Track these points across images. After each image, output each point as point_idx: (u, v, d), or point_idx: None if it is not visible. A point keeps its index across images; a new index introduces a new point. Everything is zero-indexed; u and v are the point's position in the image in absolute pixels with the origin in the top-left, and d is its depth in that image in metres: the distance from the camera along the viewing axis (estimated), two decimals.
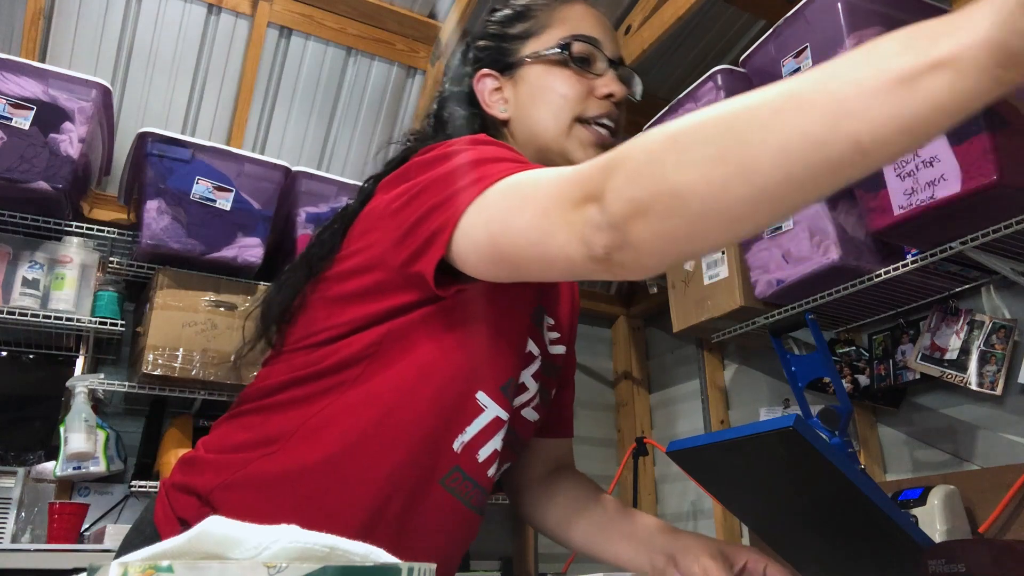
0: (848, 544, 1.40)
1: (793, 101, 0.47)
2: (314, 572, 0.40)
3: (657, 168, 0.52)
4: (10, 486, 2.02)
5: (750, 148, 0.47)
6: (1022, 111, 1.46)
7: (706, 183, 0.49)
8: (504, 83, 0.92)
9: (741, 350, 2.66)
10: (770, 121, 0.47)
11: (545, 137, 0.88)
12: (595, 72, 0.89)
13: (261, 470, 0.76)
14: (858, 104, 0.44)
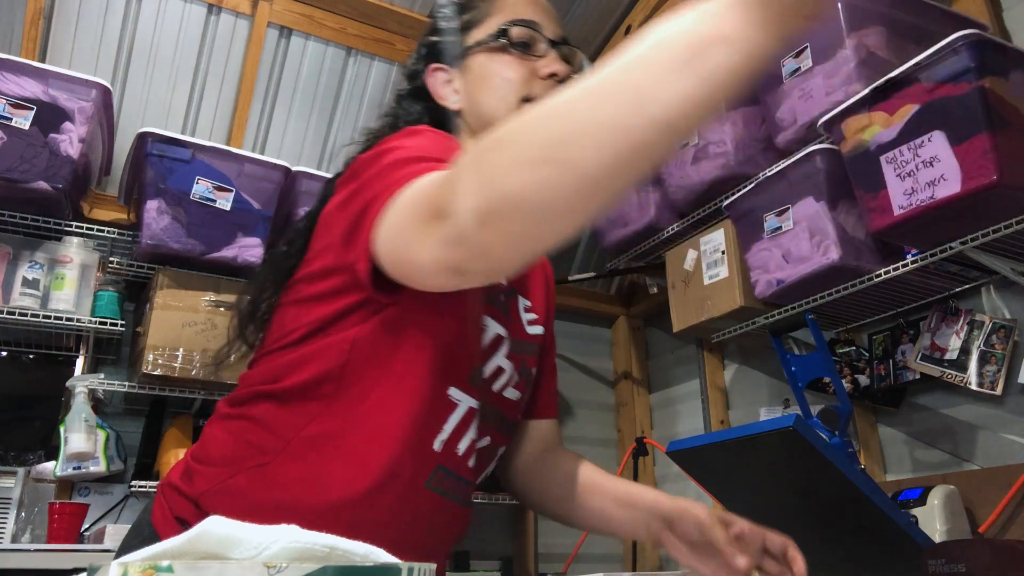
0: (848, 544, 1.40)
1: (599, 96, 0.51)
2: (314, 572, 0.40)
3: (492, 177, 0.54)
4: (10, 486, 2.02)
5: (569, 145, 0.50)
6: (1022, 111, 1.46)
7: (536, 184, 0.52)
8: (454, 75, 0.95)
9: (741, 350, 2.66)
10: (582, 117, 0.51)
11: (496, 121, 0.87)
12: (536, 54, 0.92)
13: (249, 482, 0.78)
14: (654, 90, 0.49)
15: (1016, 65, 1.48)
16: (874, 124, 1.61)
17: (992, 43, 1.45)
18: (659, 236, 2.48)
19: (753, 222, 2.00)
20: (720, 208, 2.18)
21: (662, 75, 0.49)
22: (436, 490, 0.83)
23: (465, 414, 0.83)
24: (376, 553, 0.47)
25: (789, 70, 1.92)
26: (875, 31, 1.76)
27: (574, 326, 3.18)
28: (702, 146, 2.18)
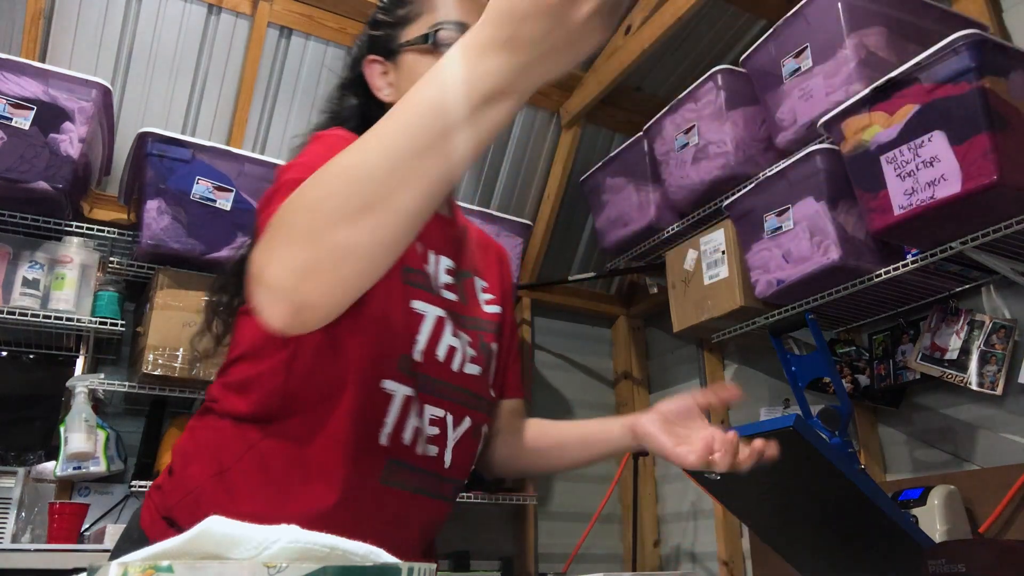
0: (848, 544, 1.40)
1: (391, 160, 0.57)
2: (314, 572, 0.40)
3: (306, 234, 0.59)
4: (10, 486, 2.02)
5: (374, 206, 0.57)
6: (1022, 111, 1.46)
7: (357, 232, 0.58)
8: (389, 68, 0.98)
9: (741, 350, 2.66)
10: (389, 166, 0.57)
11: None
12: None
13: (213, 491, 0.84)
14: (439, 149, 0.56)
15: (1016, 65, 1.48)
16: (874, 124, 1.61)
17: (992, 43, 1.45)
18: (659, 236, 2.48)
19: (753, 222, 2.00)
20: (720, 208, 2.18)
21: (445, 136, 0.55)
22: (394, 485, 0.85)
23: (403, 403, 0.85)
24: (376, 553, 0.47)
25: (789, 70, 1.92)
26: (875, 31, 1.76)
27: (574, 326, 3.18)
28: (702, 146, 2.18)
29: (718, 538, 2.53)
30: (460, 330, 0.93)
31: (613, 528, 2.95)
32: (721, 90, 2.13)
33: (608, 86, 2.63)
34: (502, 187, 2.90)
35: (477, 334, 0.97)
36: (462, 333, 0.93)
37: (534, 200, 2.96)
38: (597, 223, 2.74)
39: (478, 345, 0.96)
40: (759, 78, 2.05)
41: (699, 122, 2.19)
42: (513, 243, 2.67)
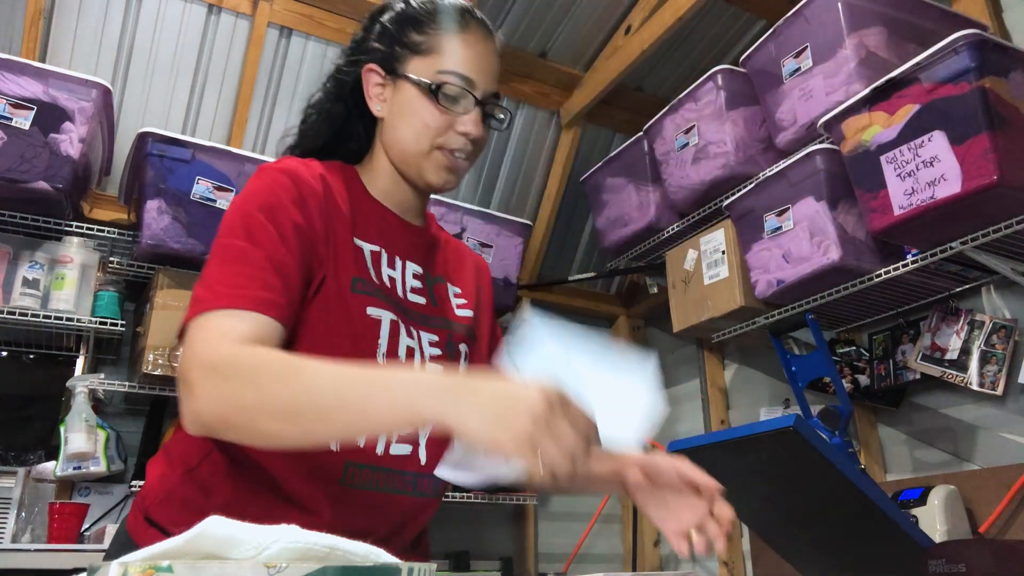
0: (848, 544, 1.40)
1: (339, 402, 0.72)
2: (314, 572, 0.40)
3: (242, 405, 0.74)
4: (10, 486, 2.02)
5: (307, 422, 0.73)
6: (1022, 111, 1.46)
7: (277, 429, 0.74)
8: (387, 83, 0.99)
9: (741, 350, 2.66)
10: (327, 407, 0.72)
11: (405, 152, 0.98)
12: (459, 110, 0.97)
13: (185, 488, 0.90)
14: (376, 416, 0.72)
15: (1016, 65, 1.48)
16: (874, 124, 1.61)
17: (992, 43, 1.45)
18: (659, 236, 2.48)
19: (753, 222, 1.99)
20: (720, 208, 2.17)
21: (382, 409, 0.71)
22: (356, 486, 0.89)
23: None
24: (376, 553, 0.47)
25: (789, 70, 1.92)
26: (875, 31, 1.76)
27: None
28: (702, 146, 2.18)
29: None
30: (421, 329, 0.97)
31: (613, 528, 2.94)
32: (721, 90, 2.13)
33: (608, 86, 2.63)
34: (502, 187, 2.90)
35: (445, 333, 1.01)
36: (422, 332, 0.97)
37: (534, 200, 2.96)
38: (597, 223, 2.74)
39: (444, 344, 1.00)
40: (759, 78, 2.05)
41: (699, 122, 2.19)
42: (513, 243, 2.67)
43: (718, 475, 1.32)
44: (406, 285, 0.99)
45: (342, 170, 1.00)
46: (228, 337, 0.78)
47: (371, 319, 0.91)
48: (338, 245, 0.92)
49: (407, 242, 1.02)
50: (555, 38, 2.69)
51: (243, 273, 0.83)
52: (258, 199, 0.88)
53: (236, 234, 0.86)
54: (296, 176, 0.91)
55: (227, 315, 0.80)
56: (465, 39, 0.98)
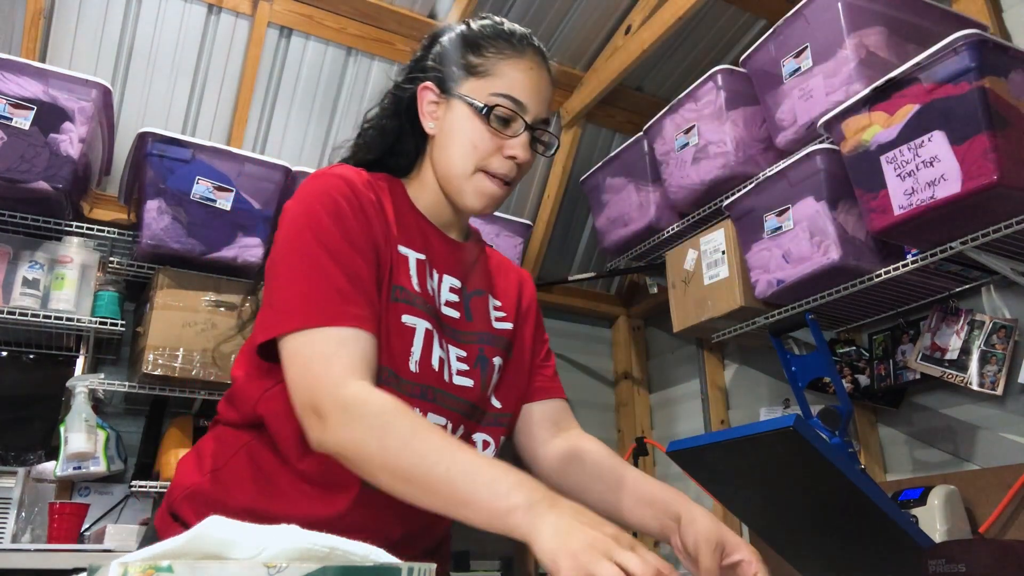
0: (848, 544, 1.40)
1: (455, 483, 0.76)
2: (314, 572, 0.40)
3: (362, 451, 0.79)
4: (10, 486, 2.02)
5: (421, 488, 0.77)
6: (1022, 111, 1.46)
7: (390, 483, 0.79)
8: (441, 101, 1.01)
9: (741, 350, 2.66)
10: (442, 482, 0.76)
11: (449, 172, 1.00)
12: (509, 133, 0.98)
13: (211, 487, 0.94)
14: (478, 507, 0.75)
15: (1016, 65, 1.48)
16: (874, 124, 1.61)
17: (992, 43, 1.45)
18: (659, 236, 2.48)
19: (753, 222, 1.99)
20: (720, 208, 2.18)
21: (483, 503, 0.74)
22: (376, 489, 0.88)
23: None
24: (376, 553, 0.47)
25: (789, 70, 1.92)
26: (875, 31, 1.76)
27: (574, 326, 3.18)
28: (702, 146, 2.18)
29: None
30: (450, 343, 0.99)
31: None
32: (721, 90, 2.13)
33: (608, 86, 2.63)
34: None
35: (477, 347, 1.02)
36: (451, 346, 0.99)
37: (534, 200, 2.96)
38: (597, 223, 2.74)
39: (473, 359, 1.01)
40: (759, 78, 2.05)
41: (699, 122, 2.19)
42: (513, 243, 2.66)
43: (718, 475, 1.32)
44: (442, 298, 1.01)
45: (388, 181, 1.03)
46: (348, 365, 0.83)
47: (406, 327, 0.93)
48: (388, 250, 0.95)
49: (447, 256, 1.04)
50: (555, 38, 2.70)
51: (334, 289, 0.86)
52: (322, 204, 0.91)
53: (311, 244, 0.88)
54: (351, 182, 0.94)
55: (334, 334, 0.84)
56: (520, 64, 1.00)
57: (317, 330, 0.84)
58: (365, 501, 0.90)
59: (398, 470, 0.78)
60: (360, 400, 0.80)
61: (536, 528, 0.70)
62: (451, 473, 0.76)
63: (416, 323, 0.94)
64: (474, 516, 0.75)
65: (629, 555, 0.66)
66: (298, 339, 0.84)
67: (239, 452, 0.93)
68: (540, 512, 0.70)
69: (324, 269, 0.87)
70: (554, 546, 0.67)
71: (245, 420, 0.95)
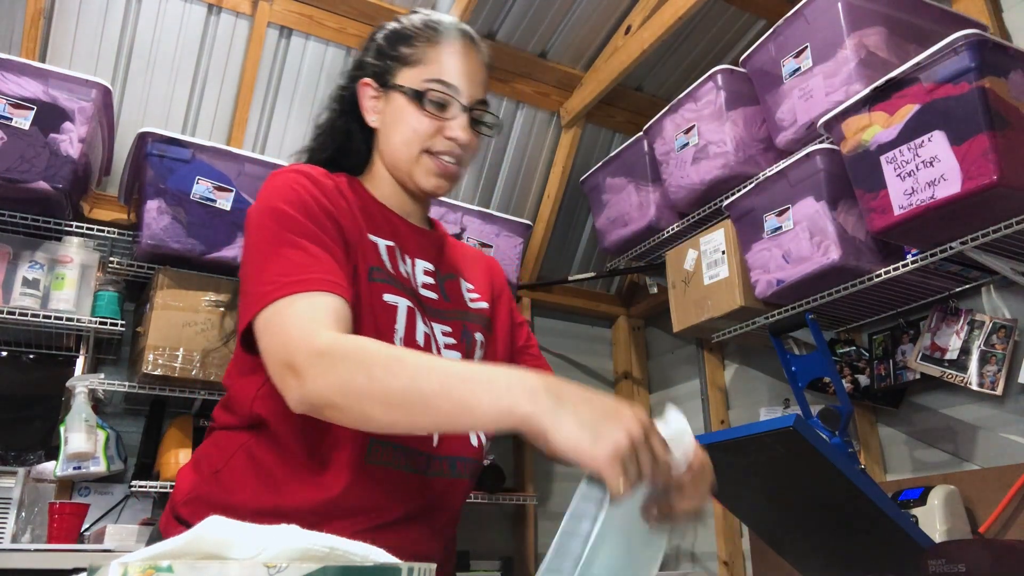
0: (848, 544, 1.40)
1: (444, 394, 0.75)
2: (314, 572, 0.40)
3: (353, 389, 0.78)
4: (10, 486, 2.02)
5: (414, 412, 0.77)
6: (1022, 111, 1.46)
7: (383, 416, 0.78)
8: (380, 95, 1.06)
9: (741, 350, 2.66)
10: (432, 400, 0.76)
11: (396, 159, 1.05)
12: (447, 116, 1.03)
13: (210, 489, 0.94)
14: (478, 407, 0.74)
15: (1016, 65, 1.48)
16: (874, 124, 1.61)
17: (992, 43, 1.45)
18: (659, 236, 2.48)
19: (753, 222, 1.99)
20: (720, 208, 2.18)
21: (485, 405, 0.73)
22: (379, 464, 0.91)
23: None
24: (376, 553, 0.47)
25: (789, 70, 1.92)
26: (875, 31, 1.76)
27: (574, 326, 3.18)
28: (702, 146, 2.18)
29: (718, 538, 2.53)
30: (434, 320, 1.02)
31: None
32: (721, 90, 2.13)
33: (608, 86, 2.63)
34: (502, 187, 2.90)
35: (460, 324, 1.06)
36: (435, 324, 1.02)
37: (534, 200, 2.96)
38: (597, 223, 2.74)
39: (459, 334, 1.04)
40: (759, 78, 2.05)
41: (699, 122, 2.19)
42: (513, 243, 2.66)
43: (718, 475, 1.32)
44: (418, 280, 1.04)
45: (347, 179, 1.05)
46: (318, 320, 0.82)
47: (388, 305, 0.96)
48: (354, 237, 0.97)
49: (416, 241, 1.07)
50: (555, 38, 2.70)
51: (299, 262, 0.87)
52: (282, 196, 0.93)
53: (274, 232, 0.90)
54: (308, 174, 0.98)
55: (303, 298, 0.84)
56: (449, 50, 1.04)
57: (285, 299, 0.84)
58: (362, 481, 0.90)
59: (392, 397, 0.76)
60: (335, 344, 0.80)
61: (546, 421, 0.70)
62: (446, 385, 0.75)
63: (398, 301, 0.96)
64: (480, 421, 0.75)
65: (655, 451, 0.70)
66: (268, 312, 0.84)
67: (237, 452, 0.95)
68: (544, 402, 0.71)
69: (290, 247, 0.88)
70: (582, 444, 0.68)
71: (242, 422, 0.96)
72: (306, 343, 0.80)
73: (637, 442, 0.68)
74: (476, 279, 1.15)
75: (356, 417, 0.79)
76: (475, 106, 1.05)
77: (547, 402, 0.70)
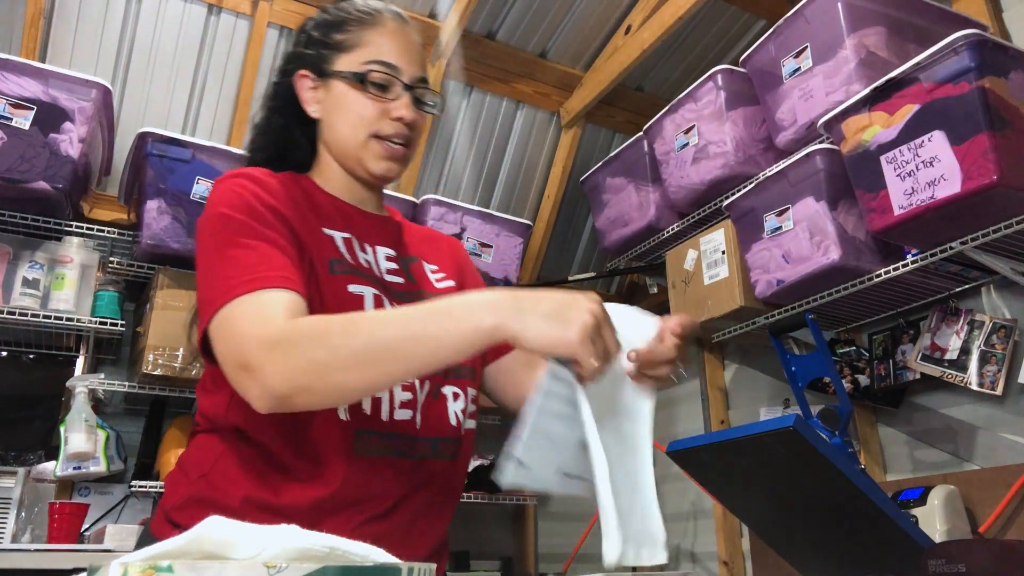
0: (848, 544, 1.40)
1: (409, 336, 0.78)
2: (314, 572, 0.40)
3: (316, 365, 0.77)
4: (10, 486, 2.02)
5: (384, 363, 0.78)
6: (1022, 111, 1.46)
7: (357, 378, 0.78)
8: (319, 86, 1.04)
9: (741, 350, 2.66)
10: (398, 346, 0.78)
11: (344, 147, 1.03)
12: (390, 97, 1.02)
13: (200, 490, 0.92)
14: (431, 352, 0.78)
15: (1016, 65, 1.48)
16: (874, 124, 1.61)
17: (992, 43, 1.45)
18: (659, 236, 2.48)
19: (753, 222, 1.99)
20: (720, 208, 2.18)
21: (452, 331, 0.76)
22: (367, 453, 0.91)
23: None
24: (376, 553, 0.47)
25: (789, 70, 1.92)
26: (875, 31, 1.76)
27: None
28: (702, 146, 2.18)
29: (718, 538, 2.53)
30: (402, 304, 1.00)
31: None
32: (721, 90, 2.13)
33: (608, 86, 2.63)
34: (502, 187, 2.90)
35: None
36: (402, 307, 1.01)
37: (534, 200, 2.96)
38: (597, 223, 2.74)
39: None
40: (759, 78, 2.05)
41: (699, 122, 2.19)
42: (513, 243, 2.67)
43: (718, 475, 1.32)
44: (381, 267, 1.03)
45: (294, 177, 1.04)
46: (270, 314, 0.81)
47: (354, 295, 0.95)
48: (307, 233, 0.96)
49: (373, 228, 1.07)
50: (555, 38, 2.70)
51: (247, 263, 0.86)
52: (225, 201, 0.92)
53: (220, 237, 0.89)
54: (253, 176, 0.96)
55: (256, 297, 0.83)
56: (383, 30, 1.04)
57: (239, 299, 0.83)
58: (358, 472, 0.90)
59: (359, 359, 0.77)
60: (285, 331, 0.79)
61: (514, 325, 0.74)
62: (408, 327, 0.78)
63: (363, 290, 0.95)
64: (451, 350, 0.77)
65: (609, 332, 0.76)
66: (218, 318, 0.84)
67: (224, 454, 0.94)
68: (506, 310, 0.75)
69: (237, 249, 0.87)
70: (553, 333, 0.74)
71: (221, 426, 0.96)
72: (256, 338, 0.79)
73: (601, 320, 0.75)
74: (439, 260, 1.15)
75: (330, 391, 0.79)
76: (416, 84, 1.04)
77: (509, 309, 0.75)
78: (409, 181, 2.67)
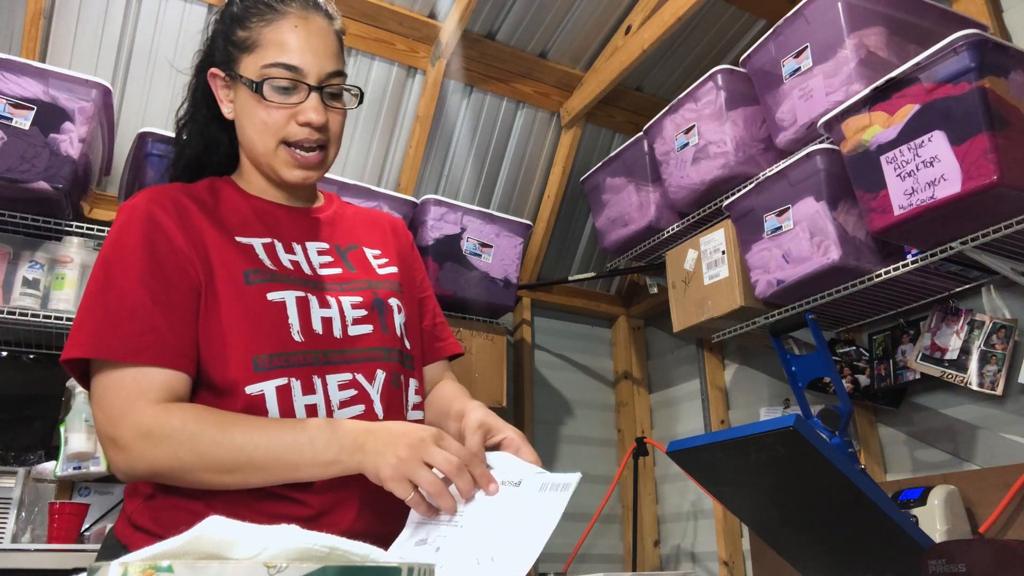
0: (848, 544, 1.40)
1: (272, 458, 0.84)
2: (314, 572, 0.40)
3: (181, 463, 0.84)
4: (10, 486, 2.02)
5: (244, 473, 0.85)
6: (1022, 111, 1.46)
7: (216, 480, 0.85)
8: (230, 85, 1.00)
9: (741, 350, 2.66)
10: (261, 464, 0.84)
11: (255, 155, 1.00)
12: (295, 100, 0.95)
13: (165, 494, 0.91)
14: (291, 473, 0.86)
15: (1016, 65, 1.48)
16: (874, 124, 1.61)
17: (992, 43, 1.45)
18: (659, 236, 2.48)
19: (753, 222, 1.99)
20: (720, 208, 2.18)
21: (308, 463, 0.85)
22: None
23: (303, 385, 0.92)
24: (376, 553, 0.47)
25: (789, 70, 1.92)
26: (875, 31, 1.76)
27: (574, 326, 3.18)
28: (702, 146, 2.18)
29: (718, 538, 2.53)
30: (341, 295, 0.99)
31: (613, 528, 2.95)
32: (721, 90, 2.13)
33: (608, 86, 2.63)
34: (502, 187, 2.90)
35: (371, 292, 1.03)
36: (343, 298, 0.99)
37: (534, 200, 2.96)
38: (597, 223, 2.74)
39: (369, 303, 1.01)
40: (759, 78, 2.05)
41: (699, 122, 2.19)
42: (513, 243, 2.67)
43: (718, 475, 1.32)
44: (312, 262, 1.00)
45: (211, 184, 1.02)
46: (146, 397, 0.85)
47: (274, 303, 0.93)
48: (217, 250, 0.93)
49: (301, 226, 1.04)
50: (555, 38, 2.70)
51: (137, 328, 0.86)
52: (127, 242, 0.91)
53: (117, 274, 0.89)
54: (159, 204, 0.94)
55: (138, 373, 0.85)
56: (285, 26, 0.95)
57: (116, 369, 0.85)
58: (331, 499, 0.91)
59: (221, 467, 0.83)
60: (160, 422, 0.83)
61: (365, 464, 0.82)
62: (272, 449, 0.83)
63: (284, 296, 0.94)
64: (307, 475, 0.85)
65: (436, 451, 0.81)
66: (99, 379, 0.86)
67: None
68: (359, 448, 0.82)
69: (131, 299, 0.87)
70: (386, 473, 0.80)
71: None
72: (130, 423, 0.84)
73: (417, 452, 0.81)
74: (382, 243, 1.12)
75: (189, 483, 0.85)
76: (326, 82, 0.96)
77: (357, 451, 0.82)
78: (409, 181, 2.67)
